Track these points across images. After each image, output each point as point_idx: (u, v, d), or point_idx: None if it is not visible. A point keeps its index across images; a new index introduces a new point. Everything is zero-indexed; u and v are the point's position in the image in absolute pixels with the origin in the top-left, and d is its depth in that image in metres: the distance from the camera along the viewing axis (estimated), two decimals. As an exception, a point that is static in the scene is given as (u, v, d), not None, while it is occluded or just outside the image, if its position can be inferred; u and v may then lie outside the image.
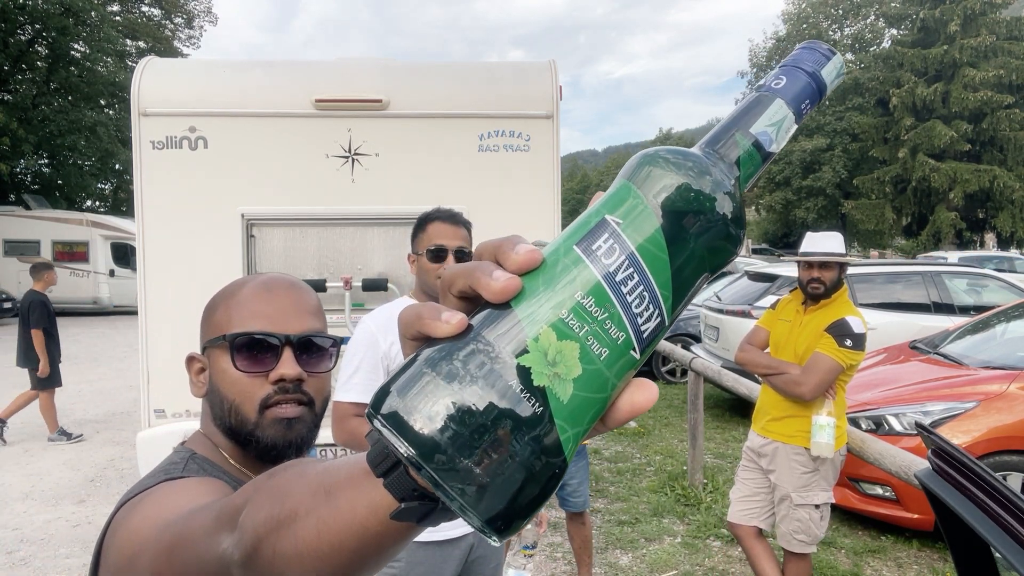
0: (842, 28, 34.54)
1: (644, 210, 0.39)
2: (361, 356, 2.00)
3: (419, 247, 2.06)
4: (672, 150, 0.42)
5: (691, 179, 0.40)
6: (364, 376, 1.98)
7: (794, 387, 2.89)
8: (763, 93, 0.46)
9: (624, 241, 0.38)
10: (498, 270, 0.37)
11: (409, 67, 4.33)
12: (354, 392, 1.98)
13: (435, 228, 2.04)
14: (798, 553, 3.01)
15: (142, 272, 3.97)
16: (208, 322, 0.96)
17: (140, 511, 0.73)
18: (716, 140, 0.44)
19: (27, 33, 21.57)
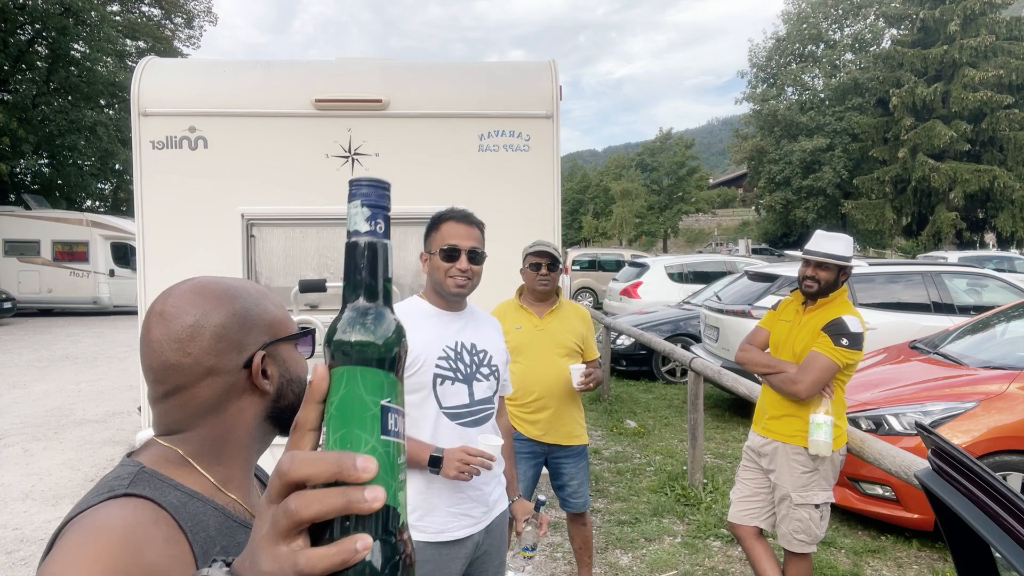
0: (842, 28, 34.53)
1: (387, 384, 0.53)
2: None
3: (432, 246, 2.06)
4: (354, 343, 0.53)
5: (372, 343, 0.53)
6: None
7: (790, 385, 2.89)
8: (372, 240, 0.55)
9: (401, 411, 0.53)
10: (368, 490, 0.48)
11: (409, 67, 4.33)
12: None
13: (448, 228, 2.04)
14: (798, 553, 3.01)
15: (142, 272, 3.97)
16: (262, 325, 0.97)
17: (56, 561, 0.72)
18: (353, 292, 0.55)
19: (27, 33, 21.56)
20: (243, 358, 0.93)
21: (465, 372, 2.04)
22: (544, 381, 3.14)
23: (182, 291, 0.93)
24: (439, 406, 2.00)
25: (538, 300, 3.21)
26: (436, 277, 2.05)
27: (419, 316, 2.06)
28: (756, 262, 13.42)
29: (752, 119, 36.03)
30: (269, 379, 0.96)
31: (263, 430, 1.01)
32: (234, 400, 0.94)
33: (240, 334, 0.93)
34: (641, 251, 26.59)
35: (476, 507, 2.05)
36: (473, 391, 2.06)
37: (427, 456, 1.93)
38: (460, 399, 2.03)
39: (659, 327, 9.11)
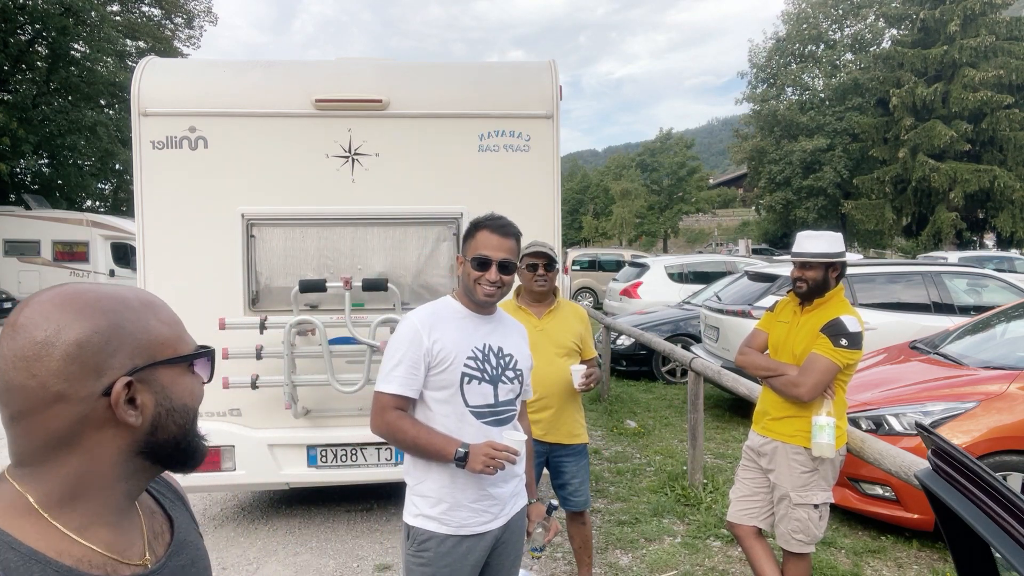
0: (842, 28, 34.51)
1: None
2: (404, 350, 2.05)
3: (466, 252, 2.13)
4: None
5: None
6: (406, 370, 2.04)
7: (792, 388, 2.89)
8: None
9: None
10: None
11: (409, 67, 4.33)
12: (395, 384, 2.05)
13: (483, 237, 2.10)
14: (797, 553, 3.01)
15: (142, 272, 3.97)
16: (135, 345, 0.83)
17: None
18: None
19: (27, 33, 21.55)
20: (102, 384, 0.79)
21: (491, 374, 2.11)
22: (545, 381, 3.15)
23: (42, 300, 0.81)
24: (465, 404, 2.07)
25: (536, 301, 3.22)
26: (467, 283, 2.12)
27: (451, 316, 2.13)
28: (756, 262, 13.41)
29: (752, 119, 36.01)
30: (138, 409, 0.82)
31: (134, 466, 0.86)
32: (90, 433, 0.80)
33: (100, 356, 0.79)
34: (641, 251, 26.59)
35: (496, 504, 2.11)
36: (498, 392, 2.13)
37: (453, 450, 1.99)
38: (485, 399, 2.10)
39: (659, 327, 9.11)
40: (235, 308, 3.97)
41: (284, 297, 4.00)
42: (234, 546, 4.22)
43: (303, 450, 4.06)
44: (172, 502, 1.01)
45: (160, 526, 0.95)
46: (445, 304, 2.17)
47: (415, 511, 2.09)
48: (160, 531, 0.94)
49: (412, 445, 2.04)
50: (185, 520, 1.01)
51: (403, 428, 2.04)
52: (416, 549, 2.08)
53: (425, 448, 2.03)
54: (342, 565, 3.95)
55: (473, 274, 2.09)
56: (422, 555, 2.06)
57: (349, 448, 4.08)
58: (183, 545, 0.95)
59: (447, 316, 2.12)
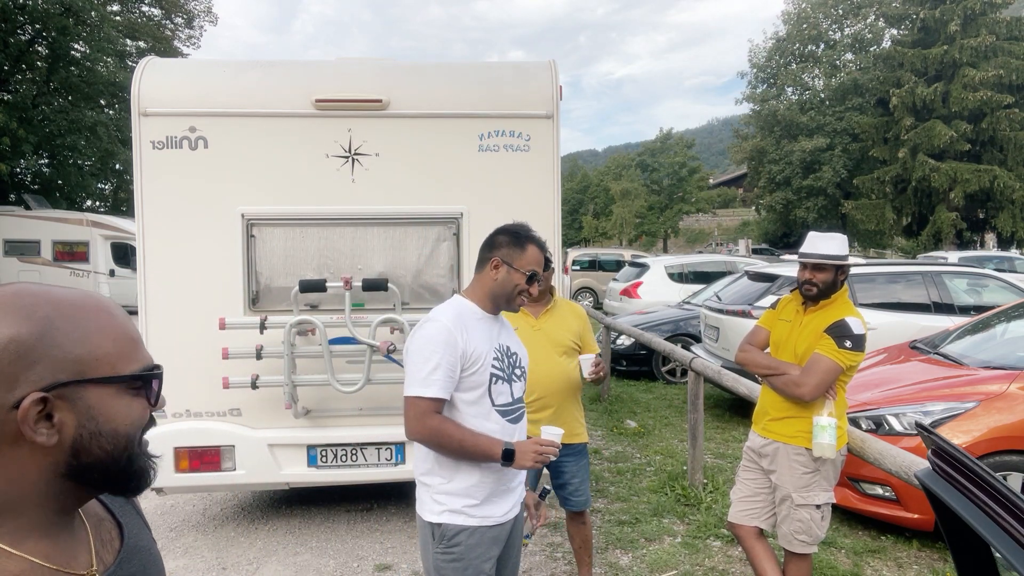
0: (842, 28, 34.50)
1: None
2: (441, 353, 2.04)
3: (516, 262, 2.16)
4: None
5: None
6: (444, 373, 2.04)
7: (794, 388, 2.89)
8: None
9: None
10: None
11: (409, 67, 4.33)
12: (436, 387, 2.04)
13: (534, 252, 2.19)
14: (799, 553, 3.01)
15: (142, 272, 3.97)
16: (61, 358, 0.76)
17: None
18: None
19: (27, 33, 21.55)
20: (13, 397, 0.73)
21: (508, 373, 2.20)
22: (544, 380, 3.15)
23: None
24: (492, 403, 2.14)
25: (533, 301, 3.23)
26: (507, 289, 2.17)
27: (473, 318, 2.16)
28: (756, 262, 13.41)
29: (752, 119, 36.01)
30: (55, 428, 0.75)
31: (60, 487, 0.79)
32: (4, 448, 0.75)
33: (16, 366, 0.73)
34: (641, 251, 26.58)
35: (512, 495, 2.21)
36: (513, 390, 2.21)
37: (499, 450, 2.06)
38: (507, 397, 2.18)
39: (659, 327, 9.11)
40: (235, 308, 3.97)
41: (284, 297, 4.00)
42: (234, 546, 4.22)
43: (303, 450, 4.06)
44: (122, 506, 0.97)
45: (109, 533, 0.91)
46: (463, 305, 2.19)
47: (440, 508, 2.11)
48: (109, 538, 0.91)
49: (458, 448, 2.06)
50: (136, 526, 0.98)
51: (449, 432, 2.05)
52: (447, 545, 2.10)
53: (471, 450, 2.06)
54: (342, 565, 3.95)
55: (520, 285, 2.16)
56: (453, 550, 2.10)
57: (349, 448, 4.08)
58: (134, 552, 0.92)
59: (470, 318, 2.15)
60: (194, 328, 3.91)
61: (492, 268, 2.17)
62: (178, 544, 4.26)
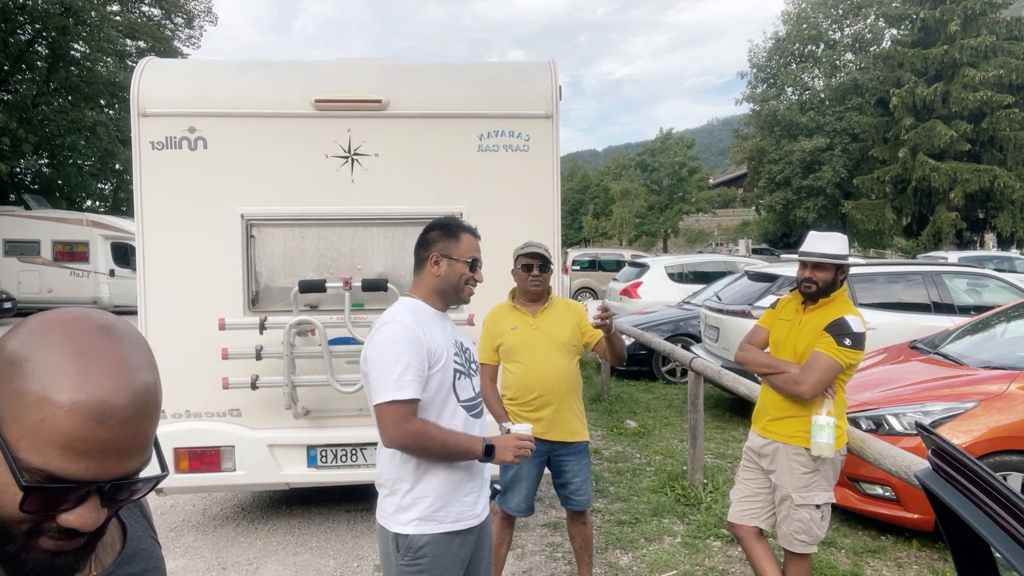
0: (842, 28, 34.51)
1: None
2: (409, 353, 1.99)
3: (455, 253, 2.14)
4: None
5: None
6: (415, 373, 1.99)
7: (793, 386, 2.89)
8: None
9: None
10: None
11: (409, 67, 4.32)
12: (411, 389, 1.98)
13: (469, 240, 2.18)
14: (799, 553, 3.00)
15: (142, 272, 3.97)
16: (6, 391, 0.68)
17: None
18: None
19: (27, 33, 21.55)
20: None
21: (467, 368, 2.20)
22: (543, 379, 3.15)
23: None
24: (457, 399, 2.13)
25: (531, 300, 3.24)
26: (452, 282, 2.15)
27: (429, 317, 2.13)
28: (756, 262, 13.41)
29: (752, 119, 36.02)
30: None
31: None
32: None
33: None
34: (641, 251, 26.59)
35: (482, 497, 2.19)
36: (473, 384, 2.22)
37: (480, 447, 2.05)
38: (469, 392, 2.18)
39: (659, 327, 9.11)
40: (235, 308, 3.97)
41: (284, 297, 3.99)
42: (234, 546, 4.22)
43: (303, 450, 4.06)
44: (128, 509, 0.96)
45: (111, 536, 0.90)
46: (416, 306, 2.13)
47: (407, 519, 2.04)
48: (111, 541, 0.90)
49: (441, 448, 2.01)
50: (141, 529, 0.97)
51: (431, 434, 1.99)
52: (413, 557, 2.02)
53: (454, 449, 2.03)
54: (342, 565, 3.95)
55: (466, 275, 2.15)
56: (419, 562, 2.02)
57: (349, 448, 4.08)
58: (135, 555, 0.92)
59: (427, 317, 2.11)
60: (194, 328, 3.91)
61: (433, 265, 2.14)
62: (178, 544, 4.26)
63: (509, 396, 3.25)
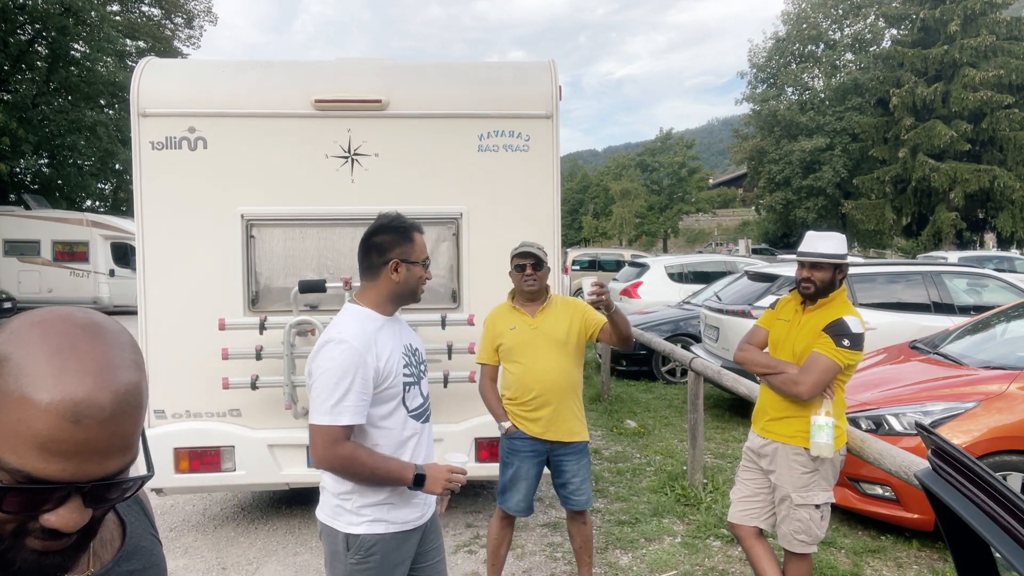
0: (842, 28, 34.52)
1: None
2: (351, 378, 1.94)
3: (411, 255, 2.10)
4: None
5: None
6: (356, 398, 1.96)
7: (791, 386, 2.89)
8: None
9: None
10: None
11: (409, 67, 4.32)
12: (348, 415, 1.95)
13: (420, 240, 2.15)
14: (799, 553, 3.01)
15: (142, 272, 3.97)
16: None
17: None
18: None
19: (27, 33, 21.55)
20: None
21: (417, 374, 2.17)
22: (543, 379, 3.16)
23: None
24: (407, 410, 2.11)
25: (529, 300, 3.24)
26: (411, 285, 2.11)
27: (377, 327, 2.07)
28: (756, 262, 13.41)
29: (752, 119, 36.02)
30: None
31: None
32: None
33: None
34: (641, 251, 26.58)
35: (425, 499, 2.18)
36: (422, 390, 2.20)
37: (411, 476, 2.02)
38: (418, 400, 2.16)
39: (659, 327, 9.11)
40: (235, 308, 3.97)
41: (284, 297, 3.99)
42: (234, 546, 4.22)
43: (303, 450, 4.06)
44: (128, 507, 0.96)
45: (111, 533, 0.90)
46: (363, 316, 2.08)
47: (358, 520, 2.05)
48: (110, 538, 0.90)
49: (369, 475, 2.00)
50: (141, 525, 0.97)
51: (360, 460, 1.97)
52: (363, 556, 2.04)
53: (383, 477, 2.01)
54: (342, 565, 3.95)
55: (422, 276, 2.14)
56: (369, 560, 2.04)
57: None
58: (134, 551, 0.92)
59: (374, 329, 2.05)
60: (194, 329, 3.91)
61: (392, 271, 2.08)
62: (178, 544, 4.26)
63: (508, 396, 3.25)
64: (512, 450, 3.25)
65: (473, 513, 4.62)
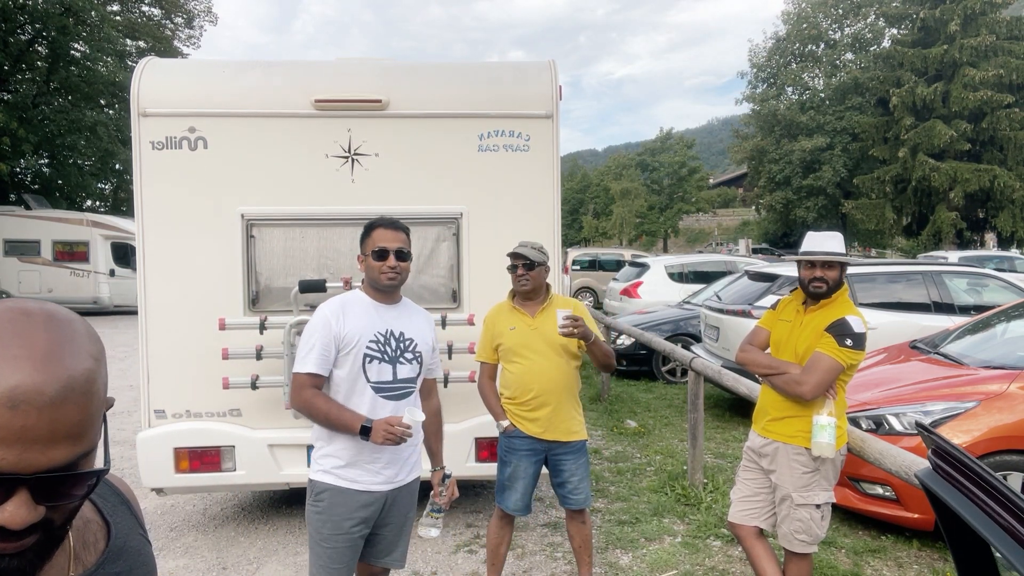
0: (842, 28, 34.50)
1: None
2: (318, 336, 2.41)
3: (366, 249, 2.48)
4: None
5: None
6: (319, 353, 2.40)
7: (794, 387, 2.89)
8: None
9: None
10: None
11: (409, 67, 4.32)
12: (311, 364, 2.40)
13: (378, 233, 2.47)
14: (799, 553, 3.01)
15: (142, 272, 3.97)
16: None
17: None
18: None
19: (27, 33, 21.56)
20: None
21: (391, 355, 2.48)
22: (542, 379, 3.16)
23: None
24: (367, 380, 2.44)
25: (528, 300, 3.24)
26: (372, 274, 2.48)
27: (359, 306, 2.50)
28: (756, 262, 13.41)
29: (752, 119, 36.01)
30: None
31: None
32: None
33: None
34: (641, 251, 26.58)
35: (388, 468, 2.48)
36: (396, 371, 2.49)
37: (359, 425, 2.34)
38: (385, 376, 2.47)
39: (659, 327, 9.11)
40: (235, 308, 3.97)
41: (284, 297, 3.99)
42: (234, 546, 4.22)
43: (303, 450, 4.06)
44: (114, 507, 0.93)
45: (95, 535, 0.88)
46: (354, 296, 2.54)
47: (317, 468, 2.47)
48: (94, 540, 0.87)
49: (324, 418, 2.38)
50: (127, 525, 0.94)
51: (317, 405, 2.38)
52: (314, 499, 2.46)
53: (336, 421, 2.37)
54: (342, 565, 3.95)
55: (375, 264, 2.44)
56: (318, 504, 2.45)
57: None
58: (120, 552, 0.89)
59: (354, 305, 2.49)
60: (194, 328, 3.91)
61: (360, 265, 2.53)
62: (178, 544, 4.26)
63: (507, 395, 3.26)
64: (510, 449, 3.25)
65: (473, 513, 4.62)
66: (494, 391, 3.31)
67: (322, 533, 2.42)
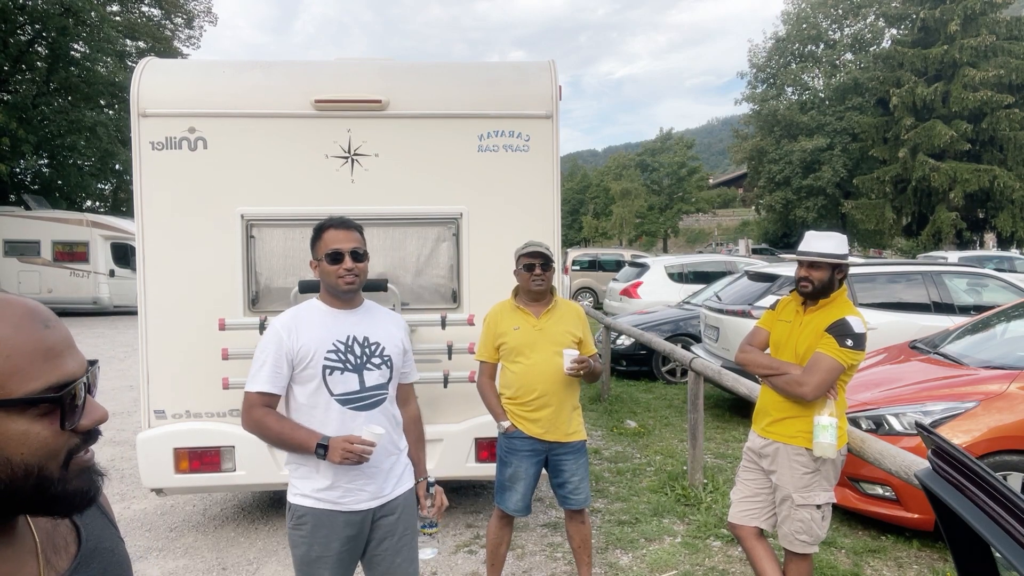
0: (842, 28, 34.50)
1: None
2: (270, 352, 2.25)
3: (318, 253, 2.30)
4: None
5: None
6: (270, 370, 2.23)
7: (795, 387, 2.89)
8: None
9: None
10: None
11: (409, 67, 4.32)
12: (260, 383, 2.23)
13: (330, 235, 2.29)
14: (799, 553, 3.01)
15: (142, 272, 3.97)
16: None
17: None
18: None
19: (27, 33, 21.56)
20: None
21: (355, 363, 2.29)
22: (544, 380, 3.16)
23: None
24: (330, 393, 2.25)
25: (533, 300, 3.24)
26: (328, 280, 2.29)
27: (313, 316, 2.32)
28: (756, 262, 13.41)
29: (752, 119, 36.01)
30: None
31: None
32: None
33: None
34: (641, 251, 26.59)
35: (371, 483, 2.29)
36: (364, 379, 2.29)
37: (314, 444, 2.16)
38: (350, 386, 2.27)
39: (659, 327, 9.11)
40: (235, 309, 3.97)
41: (284, 297, 3.99)
42: (234, 546, 4.22)
43: (303, 450, 4.06)
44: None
45: (64, 538, 0.86)
46: (308, 306, 2.36)
47: (295, 491, 2.29)
48: (64, 544, 0.86)
49: (277, 440, 2.24)
50: (98, 527, 0.93)
51: (268, 424, 2.22)
52: (295, 524, 2.28)
53: (289, 442, 2.21)
54: (342, 565, 3.95)
55: (331, 269, 2.26)
56: (300, 529, 2.27)
57: None
58: (93, 554, 0.88)
59: (308, 317, 2.31)
60: (194, 329, 3.91)
61: (313, 270, 2.36)
62: (178, 544, 4.26)
63: (508, 395, 3.25)
64: (511, 449, 3.25)
65: (473, 513, 4.62)
66: (494, 391, 3.31)
67: (310, 556, 2.25)
